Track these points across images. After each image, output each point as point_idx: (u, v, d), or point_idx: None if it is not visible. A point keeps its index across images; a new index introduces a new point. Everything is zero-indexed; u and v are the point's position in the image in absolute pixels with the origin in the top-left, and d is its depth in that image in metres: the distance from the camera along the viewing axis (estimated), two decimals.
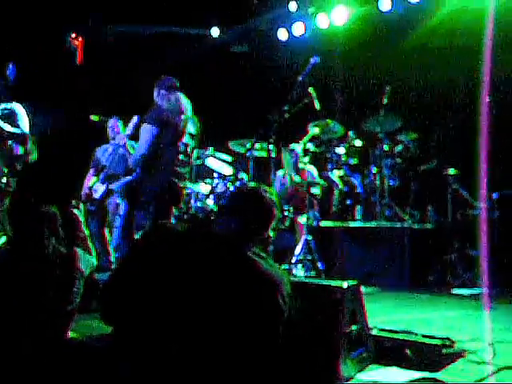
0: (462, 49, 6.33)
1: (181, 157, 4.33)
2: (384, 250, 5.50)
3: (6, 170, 4.90)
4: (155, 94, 4.41)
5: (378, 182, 6.12)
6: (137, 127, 4.58)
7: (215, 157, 5.78)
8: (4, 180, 4.84)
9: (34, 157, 5.07)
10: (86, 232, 3.11)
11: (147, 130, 4.19)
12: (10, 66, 5.14)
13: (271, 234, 2.30)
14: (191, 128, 4.42)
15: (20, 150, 4.99)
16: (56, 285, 2.49)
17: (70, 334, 2.60)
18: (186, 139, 4.37)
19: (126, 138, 5.03)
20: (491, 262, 4.77)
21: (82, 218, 3.13)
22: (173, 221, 4.52)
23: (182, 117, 4.33)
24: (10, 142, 4.87)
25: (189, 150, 4.44)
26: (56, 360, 2.25)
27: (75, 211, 3.11)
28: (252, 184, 2.54)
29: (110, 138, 5.66)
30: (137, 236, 4.21)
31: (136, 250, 2.21)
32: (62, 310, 2.50)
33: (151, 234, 2.26)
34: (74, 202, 3.30)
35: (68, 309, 2.52)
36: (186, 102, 4.41)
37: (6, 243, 3.43)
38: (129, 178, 4.31)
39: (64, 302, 2.51)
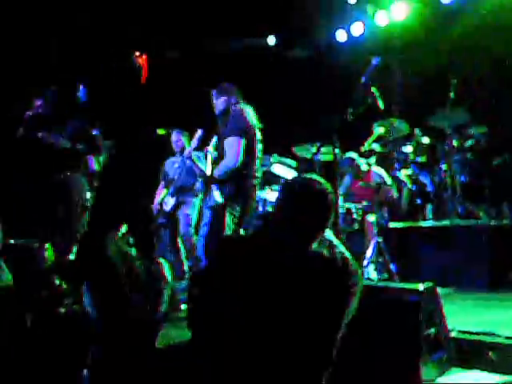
0: None
1: (258, 162, 4.43)
2: (459, 249, 5.32)
3: (86, 186, 5.16)
4: (221, 101, 4.48)
5: (448, 179, 5.94)
6: (201, 140, 4.69)
7: (280, 163, 5.81)
8: (88, 196, 5.10)
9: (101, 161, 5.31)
10: None
11: (236, 142, 4.24)
12: (81, 87, 5.40)
13: (335, 241, 2.25)
14: (259, 135, 4.50)
15: (95, 166, 5.23)
16: (147, 295, 2.59)
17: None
18: (260, 146, 4.47)
19: (192, 151, 5.15)
20: None
21: None
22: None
23: (255, 125, 4.43)
24: (87, 158, 5.12)
25: (260, 155, 4.55)
26: (147, 368, 2.35)
27: None
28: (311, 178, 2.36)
29: (176, 151, 5.82)
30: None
31: (211, 262, 2.27)
32: (152, 319, 2.60)
33: (222, 246, 2.31)
34: None
35: (157, 318, 2.62)
36: (252, 112, 4.50)
37: None
38: (215, 187, 4.36)
39: (154, 312, 2.60)
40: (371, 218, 5.45)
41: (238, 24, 7.48)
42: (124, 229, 3.33)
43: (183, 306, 4.19)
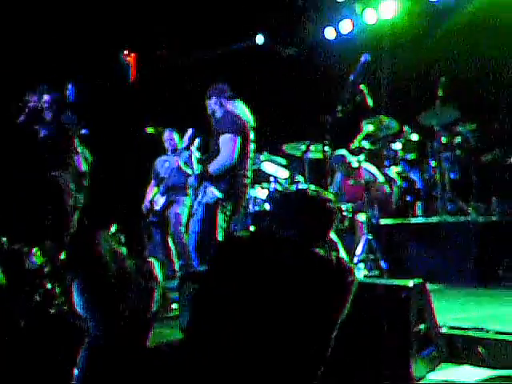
0: None
1: (250, 162, 4.45)
2: (449, 246, 5.35)
3: (73, 187, 5.14)
4: (213, 101, 4.49)
5: (438, 176, 5.97)
6: (192, 139, 4.70)
7: (271, 161, 5.81)
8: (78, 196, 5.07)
9: (89, 160, 5.30)
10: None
11: (232, 140, 4.28)
12: (70, 86, 5.39)
13: (335, 239, 2.31)
14: (252, 135, 4.51)
15: (84, 167, 5.21)
16: (139, 295, 2.59)
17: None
18: (252, 146, 4.49)
19: (179, 160, 5.15)
20: None
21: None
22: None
23: (249, 124, 4.44)
24: (75, 158, 5.11)
25: (252, 155, 4.57)
26: (139, 367, 2.35)
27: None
28: (306, 188, 2.55)
29: (168, 150, 5.81)
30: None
31: (215, 261, 2.29)
32: (143, 318, 2.60)
33: (225, 246, 2.35)
34: None
35: (148, 317, 2.62)
36: (247, 110, 4.51)
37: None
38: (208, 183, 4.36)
39: (145, 311, 2.60)
40: (361, 215, 5.47)
41: (226, 23, 7.46)
42: (114, 228, 3.31)
43: (174, 306, 4.18)
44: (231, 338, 2.05)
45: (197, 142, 4.52)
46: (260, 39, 8.23)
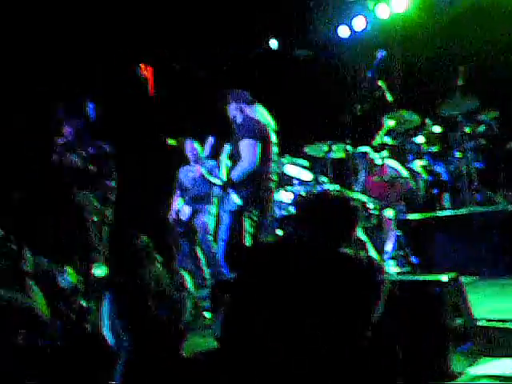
0: None
1: (273, 165, 4.45)
2: (479, 237, 5.27)
3: (96, 203, 5.20)
4: (232, 107, 4.51)
5: (463, 167, 5.89)
6: (213, 147, 4.72)
7: (293, 163, 5.80)
8: (95, 219, 5.12)
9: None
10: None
11: (251, 145, 4.27)
12: (90, 104, 5.46)
13: (364, 238, 2.30)
14: (274, 138, 4.51)
15: (112, 183, 5.28)
16: (171, 305, 2.62)
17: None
18: (275, 149, 4.49)
19: (201, 169, 5.17)
20: None
21: None
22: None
23: (270, 128, 4.45)
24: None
25: (276, 158, 4.57)
26: (175, 377, 2.37)
27: None
28: (330, 190, 2.55)
29: (191, 160, 5.85)
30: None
31: (244, 268, 2.30)
32: (176, 329, 2.63)
33: (253, 252, 2.36)
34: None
35: (181, 327, 2.65)
36: (267, 113, 4.52)
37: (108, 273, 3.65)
38: (231, 190, 4.37)
39: (177, 322, 2.63)
40: (389, 212, 5.42)
41: (240, 32, 7.49)
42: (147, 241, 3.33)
43: (206, 314, 4.20)
44: (265, 343, 2.06)
45: (227, 149, 4.53)
46: (274, 44, 8.24)
